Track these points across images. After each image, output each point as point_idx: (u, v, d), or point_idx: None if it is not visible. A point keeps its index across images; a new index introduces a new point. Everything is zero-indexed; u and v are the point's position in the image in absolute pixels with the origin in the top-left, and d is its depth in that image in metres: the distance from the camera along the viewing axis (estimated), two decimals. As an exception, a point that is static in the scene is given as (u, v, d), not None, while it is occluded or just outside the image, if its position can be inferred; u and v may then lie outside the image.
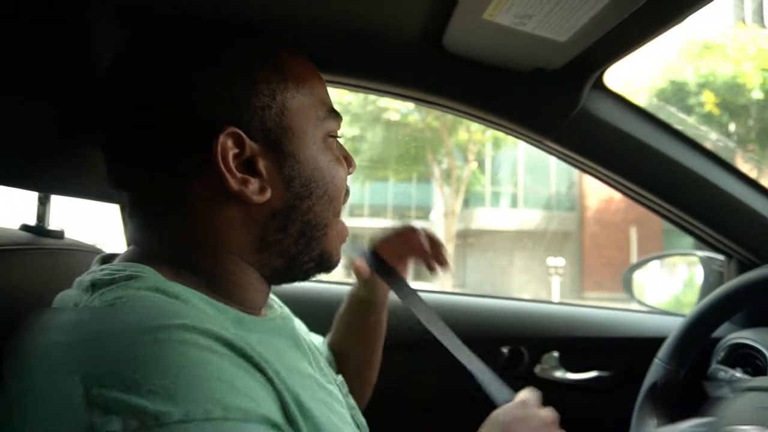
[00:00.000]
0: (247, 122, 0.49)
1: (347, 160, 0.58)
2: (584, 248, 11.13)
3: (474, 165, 10.95)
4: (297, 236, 0.52)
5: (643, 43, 0.76)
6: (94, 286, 0.44)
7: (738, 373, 0.84)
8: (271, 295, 0.60)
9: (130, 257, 0.51)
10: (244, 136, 0.48)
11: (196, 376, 0.36)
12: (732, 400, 0.64)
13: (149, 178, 0.50)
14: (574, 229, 11.46)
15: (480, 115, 0.88)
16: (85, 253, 0.71)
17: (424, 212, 12.99)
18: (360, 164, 11.31)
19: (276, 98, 0.51)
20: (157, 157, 0.49)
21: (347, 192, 0.58)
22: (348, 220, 0.60)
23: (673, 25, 0.71)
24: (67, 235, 0.72)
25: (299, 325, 0.69)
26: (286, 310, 0.65)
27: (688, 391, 0.80)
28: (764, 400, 0.59)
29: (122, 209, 0.99)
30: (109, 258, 0.54)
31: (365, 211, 13.21)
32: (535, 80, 0.82)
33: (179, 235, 0.50)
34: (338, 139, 0.58)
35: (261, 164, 0.50)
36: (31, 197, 0.69)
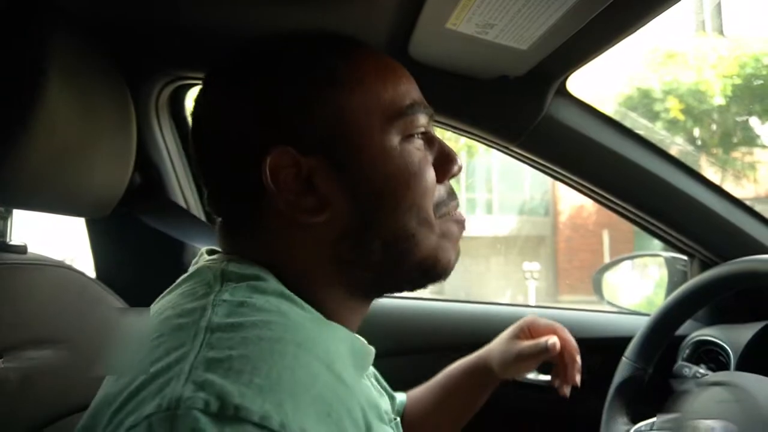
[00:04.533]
0: (298, 138, 0.47)
1: (446, 158, 0.53)
2: (559, 252, 11.28)
3: (448, 172, 11.02)
4: (382, 250, 0.48)
5: (603, 51, 0.78)
6: (224, 276, 0.44)
7: (702, 370, 0.86)
8: None
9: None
10: (296, 153, 0.46)
11: (306, 400, 0.35)
12: (695, 395, 0.66)
13: (221, 203, 0.51)
14: (548, 234, 11.62)
15: (447, 122, 0.90)
16: (50, 268, 0.69)
17: (401, 220, 12.99)
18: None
19: (327, 107, 0.47)
20: (223, 182, 0.50)
21: (451, 195, 0.53)
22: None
23: (631, 33, 0.74)
24: (32, 249, 0.70)
25: None
26: None
27: (657, 388, 0.82)
28: (725, 395, 0.61)
29: (87, 223, 0.97)
30: (213, 251, 0.53)
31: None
32: (499, 87, 0.84)
33: (261, 257, 0.48)
34: (433, 136, 0.54)
35: (319, 179, 0.47)
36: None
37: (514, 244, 11.52)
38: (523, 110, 0.86)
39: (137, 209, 0.87)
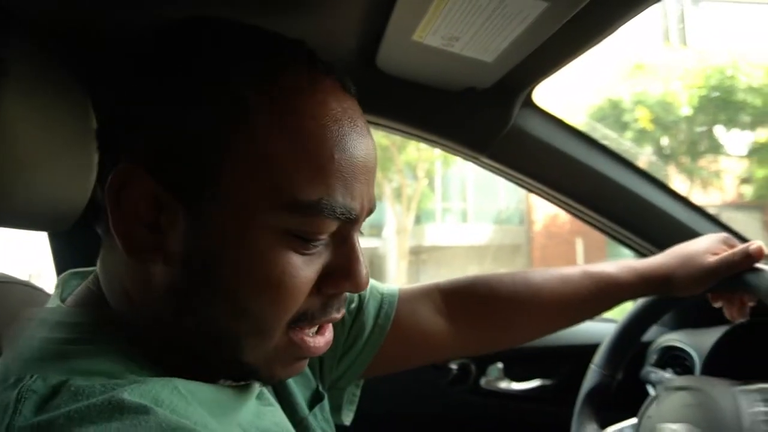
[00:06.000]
0: (162, 165, 0.38)
1: (344, 271, 0.42)
2: (534, 261, 11.41)
3: (424, 182, 11.09)
4: (198, 334, 0.40)
5: (567, 62, 0.80)
6: (41, 353, 0.36)
7: (668, 374, 0.88)
8: None
9: (83, 297, 0.44)
10: (149, 178, 0.38)
11: None
12: (660, 400, 0.67)
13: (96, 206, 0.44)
14: (523, 242, 11.75)
15: (416, 133, 0.90)
16: (13, 286, 0.67)
17: (377, 230, 13.02)
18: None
19: (213, 150, 0.37)
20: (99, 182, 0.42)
21: (327, 308, 0.43)
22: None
23: (594, 45, 0.75)
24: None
25: None
26: None
27: (626, 394, 0.83)
28: (688, 399, 0.62)
29: (50, 237, 0.94)
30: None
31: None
32: (467, 99, 0.85)
33: (111, 279, 0.42)
34: (347, 238, 0.42)
35: (165, 220, 0.38)
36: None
37: (489, 253, 11.61)
38: (491, 121, 0.87)
39: (100, 221, 0.85)
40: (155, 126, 0.39)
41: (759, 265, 0.65)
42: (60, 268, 0.96)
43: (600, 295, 0.70)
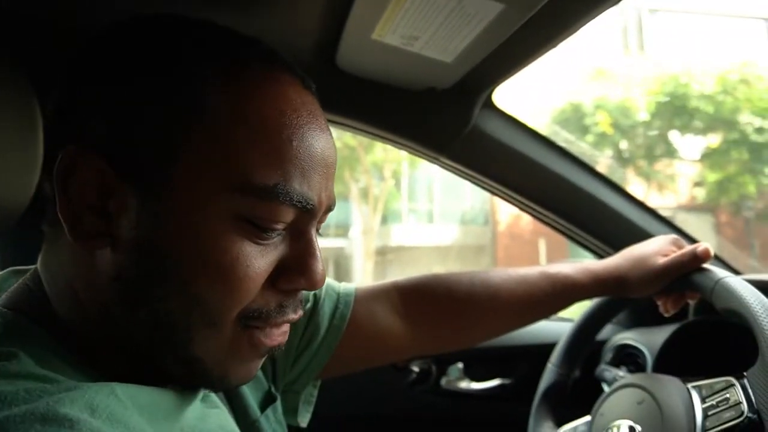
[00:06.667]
0: (114, 149, 0.37)
1: (300, 266, 0.41)
2: (498, 261, 11.58)
3: (391, 183, 11.13)
4: (149, 324, 0.38)
5: (526, 64, 0.80)
6: None
7: (621, 372, 0.90)
8: None
9: (19, 296, 0.42)
10: (101, 162, 0.37)
11: None
12: (612, 397, 0.68)
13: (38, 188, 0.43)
14: (487, 243, 11.92)
15: (377, 133, 0.90)
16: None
17: (343, 230, 12.98)
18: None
19: (167, 135, 0.37)
20: (44, 168, 0.41)
21: (282, 308, 0.41)
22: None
23: (553, 47, 0.76)
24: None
25: None
26: None
27: (583, 393, 0.85)
28: (638, 396, 0.63)
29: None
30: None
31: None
32: (427, 99, 0.85)
33: (53, 273, 0.41)
34: (304, 233, 0.42)
35: (114, 205, 0.37)
36: None
37: (454, 253, 11.73)
38: (451, 122, 0.87)
39: (45, 217, 0.82)
40: (108, 111, 0.38)
41: (706, 265, 0.67)
42: (2, 267, 0.91)
43: (556, 295, 0.71)
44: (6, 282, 0.46)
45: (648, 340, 0.93)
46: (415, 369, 1.13)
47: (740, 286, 0.60)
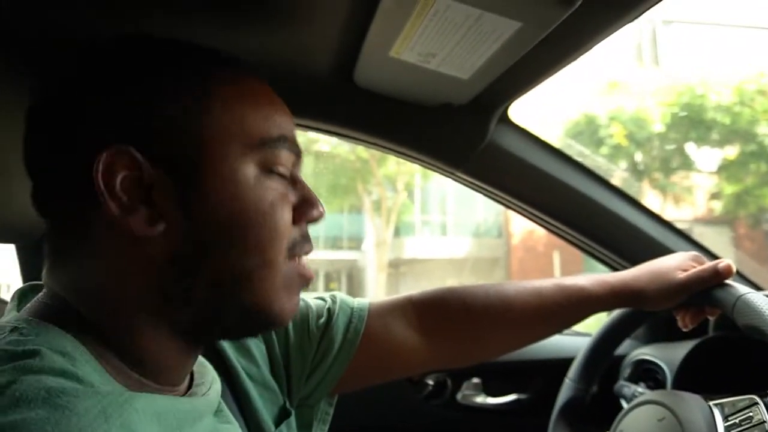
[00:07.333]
0: (146, 144, 0.42)
1: (307, 201, 0.49)
2: (512, 273, 11.50)
3: (404, 195, 11.14)
4: (209, 285, 0.44)
5: (542, 80, 0.81)
6: None
7: (641, 388, 0.89)
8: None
9: (39, 309, 0.43)
10: (138, 157, 0.42)
11: None
12: (631, 414, 0.68)
13: (53, 203, 0.44)
14: (501, 256, 11.85)
15: (393, 148, 0.91)
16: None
17: (356, 242, 13.00)
18: (291, 196, 11.17)
19: (182, 119, 0.44)
20: (58, 177, 0.43)
21: (305, 238, 0.50)
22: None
23: (568, 63, 0.77)
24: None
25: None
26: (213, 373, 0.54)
27: (601, 408, 0.84)
28: (658, 413, 0.63)
29: (18, 249, 0.92)
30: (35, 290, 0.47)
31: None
32: (443, 115, 0.86)
33: (83, 280, 0.43)
34: (298, 177, 0.50)
35: (157, 194, 0.42)
36: None
37: (468, 265, 11.67)
38: (467, 137, 0.88)
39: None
40: (130, 113, 0.43)
41: (727, 281, 0.67)
42: (27, 280, 0.93)
43: (571, 307, 0.71)
44: (26, 297, 0.48)
45: (667, 356, 0.93)
46: (430, 382, 1.13)
47: (762, 302, 0.59)
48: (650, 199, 9.34)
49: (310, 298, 0.69)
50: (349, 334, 0.65)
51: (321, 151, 10.01)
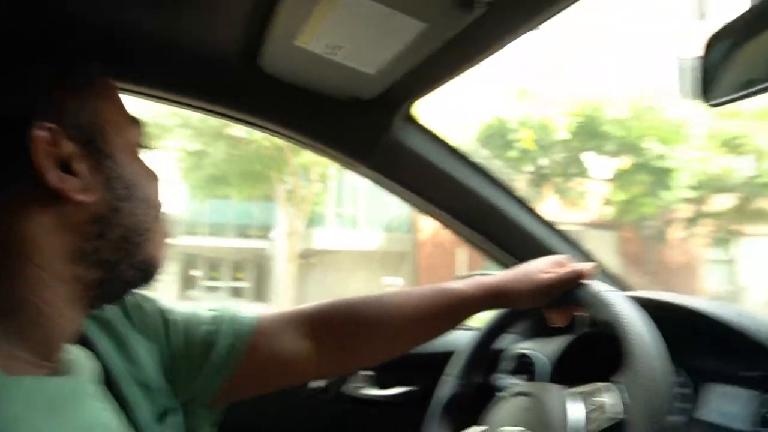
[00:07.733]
0: (62, 120, 0.47)
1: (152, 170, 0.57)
2: (419, 268, 11.81)
3: (318, 186, 11.06)
4: (117, 242, 0.49)
5: (448, 80, 0.84)
6: None
7: (515, 381, 0.94)
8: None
9: None
10: (60, 132, 0.46)
11: None
12: (501, 405, 0.72)
13: None
14: (410, 250, 12.12)
15: (298, 138, 0.90)
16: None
17: (266, 231, 12.75)
18: (200, 181, 10.77)
19: (87, 100, 0.50)
20: None
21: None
22: (186, 239, 0.57)
23: (473, 66, 0.79)
24: None
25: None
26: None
27: (481, 401, 0.88)
28: (525, 403, 0.68)
29: None
30: None
31: (205, 229, 12.55)
32: (349, 108, 0.86)
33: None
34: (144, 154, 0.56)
35: (78, 165, 0.47)
36: None
37: (377, 259, 11.83)
38: (371, 132, 0.89)
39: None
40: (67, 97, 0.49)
41: (590, 281, 0.73)
42: None
43: (452, 309, 0.76)
44: None
45: (544, 350, 0.99)
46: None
47: (614, 299, 0.66)
48: (551, 201, 9.97)
49: (202, 308, 0.70)
50: (232, 348, 0.66)
51: (235, 136, 9.70)
